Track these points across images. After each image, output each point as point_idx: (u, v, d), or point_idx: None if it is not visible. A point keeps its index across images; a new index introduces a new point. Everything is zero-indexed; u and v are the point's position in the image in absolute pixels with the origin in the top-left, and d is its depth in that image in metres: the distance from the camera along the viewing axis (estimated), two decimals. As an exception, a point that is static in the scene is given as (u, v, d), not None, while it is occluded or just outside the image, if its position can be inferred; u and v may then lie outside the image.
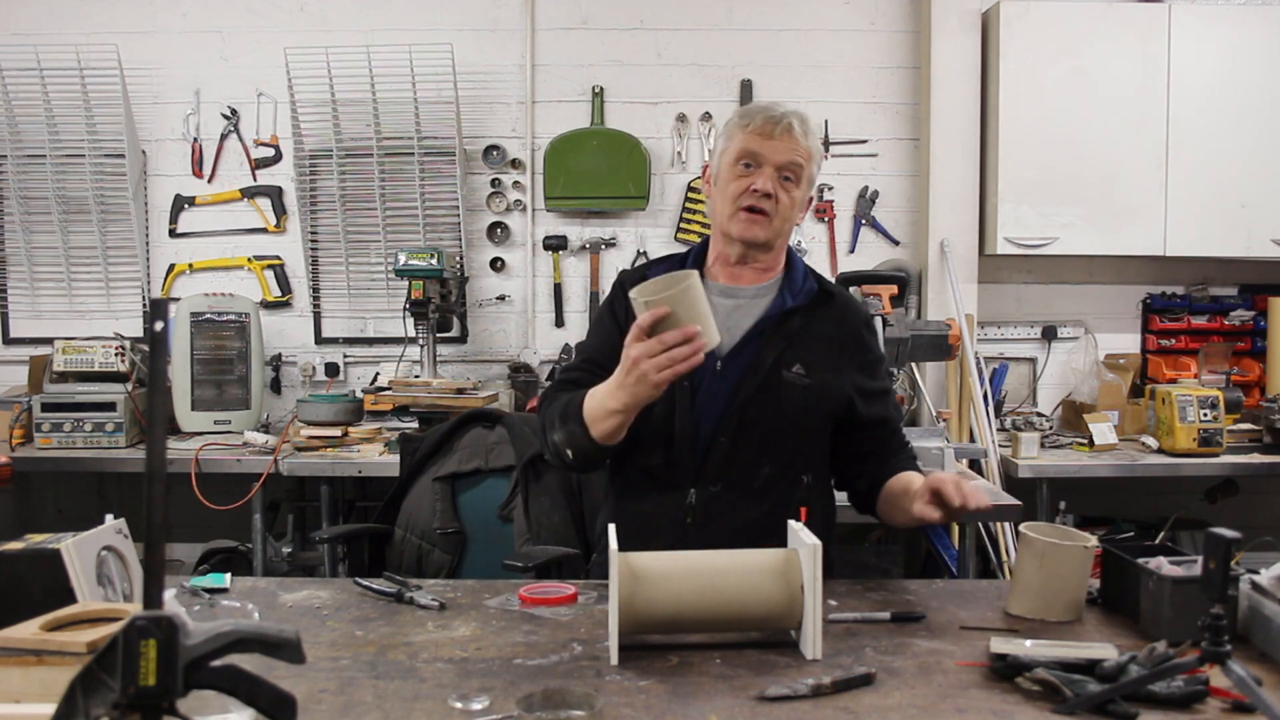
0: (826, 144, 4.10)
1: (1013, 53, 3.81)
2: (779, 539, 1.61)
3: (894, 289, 3.58)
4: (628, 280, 1.88)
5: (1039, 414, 4.01)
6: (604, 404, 1.65)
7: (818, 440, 1.85)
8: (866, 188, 4.13)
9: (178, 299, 3.87)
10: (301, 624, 1.60)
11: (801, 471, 1.82)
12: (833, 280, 2.22)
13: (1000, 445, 3.69)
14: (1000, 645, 1.39)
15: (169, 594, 1.49)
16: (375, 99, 3.97)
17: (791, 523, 1.57)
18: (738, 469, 1.78)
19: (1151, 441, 3.64)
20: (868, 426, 1.86)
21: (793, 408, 1.78)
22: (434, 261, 3.57)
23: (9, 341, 4.15)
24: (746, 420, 1.77)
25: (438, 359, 3.84)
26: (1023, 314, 4.21)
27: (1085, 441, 3.69)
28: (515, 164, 4.13)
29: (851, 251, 4.15)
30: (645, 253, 4.11)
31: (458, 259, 4.02)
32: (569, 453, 1.73)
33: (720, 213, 1.82)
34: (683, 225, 4.11)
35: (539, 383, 4.08)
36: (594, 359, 1.85)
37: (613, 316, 1.89)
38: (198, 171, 4.12)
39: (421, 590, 1.74)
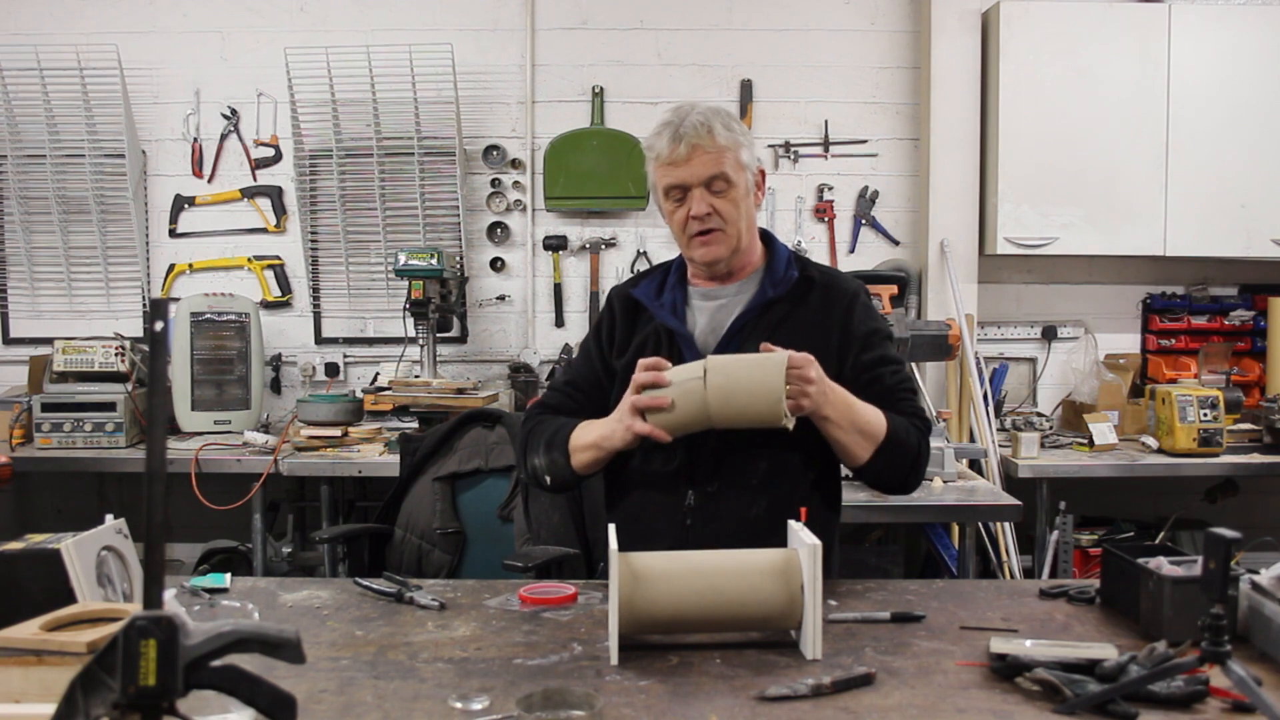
0: (826, 144, 4.11)
1: (1013, 53, 3.81)
2: (782, 536, 1.61)
3: (894, 289, 3.58)
4: (615, 297, 1.95)
5: (1039, 414, 4.01)
6: (585, 437, 1.78)
7: (818, 431, 1.80)
8: (866, 188, 4.13)
9: (178, 299, 3.87)
10: (301, 624, 1.60)
11: (804, 466, 1.81)
12: None
13: (1000, 445, 3.69)
14: (1000, 645, 1.39)
15: (169, 594, 1.49)
16: (375, 99, 3.97)
17: (791, 523, 1.57)
18: (734, 467, 1.77)
19: (1151, 441, 3.64)
20: (858, 395, 1.77)
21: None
22: (434, 261, 3.57)
23: (9, 341, 4.15)
24: None
25: (438, 359, 3.84)
26: (1023, 314, 4.21)
27: (1085, 441, 3.69)
28: (515, 164, 4.13)
29: (851, 251, 4.15)
30: (645, 253, 4.11)
31: (458, 259, 4.02)
32: (547, 478, 1.85)
33: (679, 242, 1.85)
34: (683, 225, 4.10)
35: (539, 383, 4.08)
36: (573, 381, 1.93)
37: (597, 339, 1.94)
38: (198, 171, 4.12)
39: (421, 590, 1.74)
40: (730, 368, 1.62)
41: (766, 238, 1.92)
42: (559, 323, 4.15)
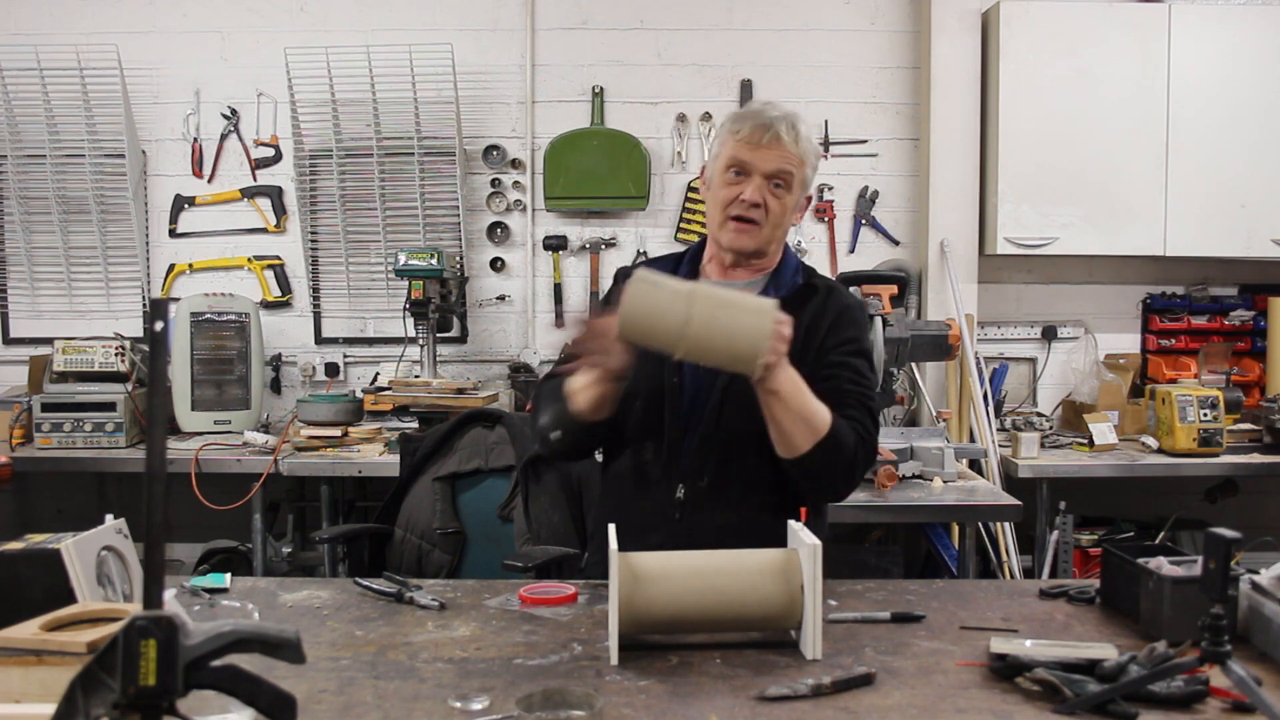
0: (826, 144, 4.10)
1: (1013, 53, 3.81)
2: (770, 534, 1.61)
3: (894, 289, 3.58)
4: (624, 275, 1.90)
5: (1039, 414, 4.01)
6: (579, 377, 1.70)
7: None
8: (866, 188, 4.13)
9: (178, 299, 3.87)
10: (301, 624, 1.60)
11: None
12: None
13: (1000, 445, 3.69)
14: (1000, 645, 1.39)
15: (169, 594, 1.49)
16: (375, 99, 3.97)
17: (791, 523, 1.57)
18: (724, 463, 1.77)
19: (1151, 441, 3.64)
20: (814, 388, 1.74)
21: None
22: (434, 261, 3.57)
23: (9, 341, 4.15)
24: (729, 413, 1.76)
25: (438, 359, 3.84)
26: (1023, 314, 4.21)
27: (1085, 441, 3.69)
28: (515, 164, 4.13)
29: (851, 251, 4.15)
30: (645, 253, 4.11)
31: (458, 259, 4.02)
32: (557, 433, 1.77)
33: (712, 219, 1.83)
34: (682, 225, 4.11)
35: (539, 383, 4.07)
36: None
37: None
38: (198, 171, 4.12)
39: (421, 590, 1.74)
40: (722, 293, 1.56)
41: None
42: (559, 323, 4.15)
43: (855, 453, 1.71)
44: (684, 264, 1.92)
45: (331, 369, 4.14)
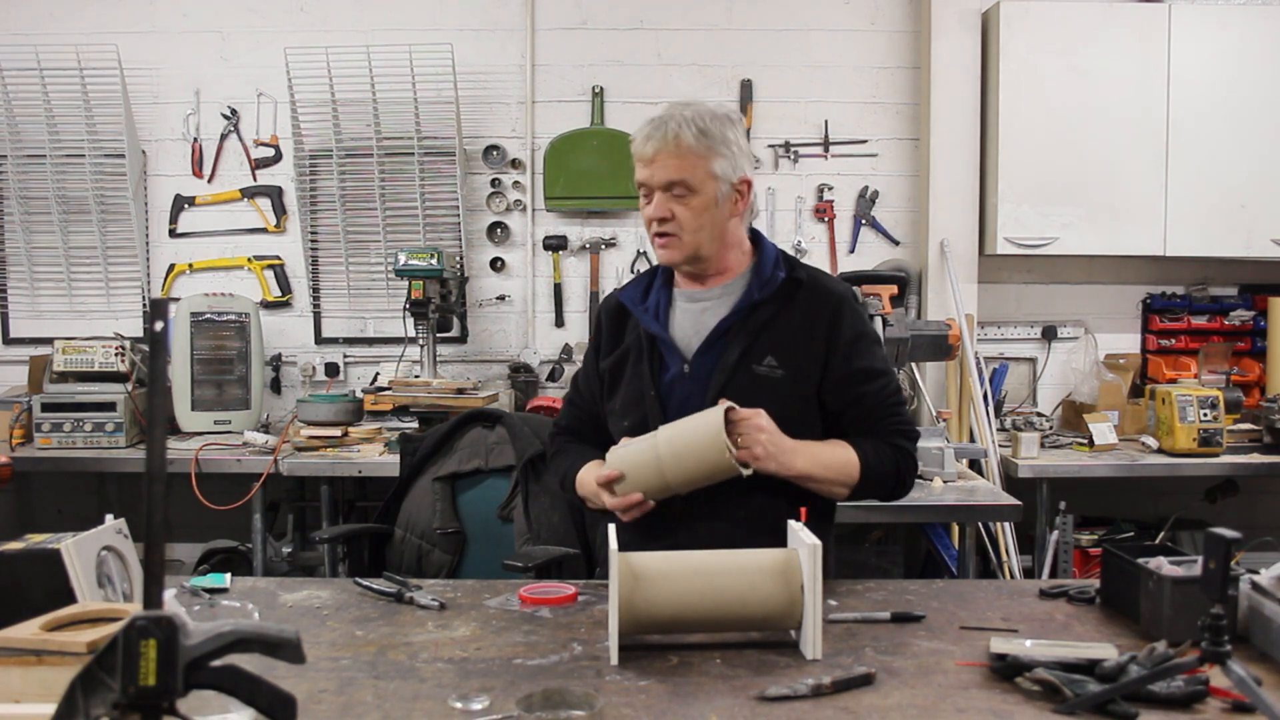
0: (826, 144, 4.10)
1: (1013, 53, 3.81)
2: (769, 540, 1.60)
3: (894, 289, 3.58)
4: (602, 307, 1.99)
5: (1039, 414, 4.01)
6: (587, 497, 1.85)
7: (806, 434, 1.78)
8: (866, 188, 4.13)
9: (178, 299, 3.87)
10: (301, 624, 1.60)
11: None
12: None
13: (1000, 445, 3.69)
14: (1000, 645, 1.39)
15: (169, 594, 1.49)
16: (375, 99, 3.97)
17: (791, 523, 1.57)
18: None
19: (1151, 441, 3.64)
20: (841, 412, 1.80)
21: (768, 402, 1.73)
22: (434, 261, 3.57)
23: (9, 341, 4.15)
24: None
25: (438, 359, 3.84)
26: (1023, 314, 4.21)
27: (1085, 441, 3.69)
28: (515, 164, 4.13)
29: (851, 251, 4.15)
30: (645, 252, 4.11)
31: (458, 259, 4.02)
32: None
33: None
34: (683, 225, 4.11)
35: (539, 383, 4.08)
36: (576, 401, 2.02)
37: (593, 352, 1.99)
38: (198, 171, 4.12)
39: (421, 590, 1.74)
40: (676, 427, 1.67)
41: (755, 238, 1.90)
42: (559, 323, 4.15)
43: (898, 469, 1.81)
44: (656, 283, 1.91)
45: (331, 369, 4.14)
